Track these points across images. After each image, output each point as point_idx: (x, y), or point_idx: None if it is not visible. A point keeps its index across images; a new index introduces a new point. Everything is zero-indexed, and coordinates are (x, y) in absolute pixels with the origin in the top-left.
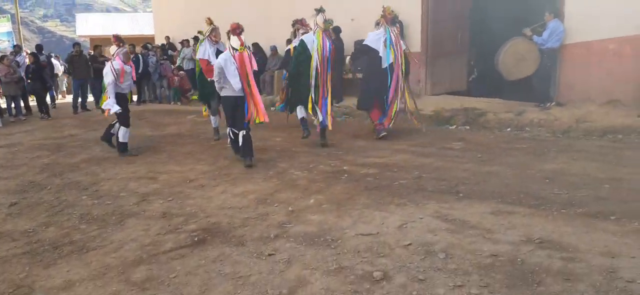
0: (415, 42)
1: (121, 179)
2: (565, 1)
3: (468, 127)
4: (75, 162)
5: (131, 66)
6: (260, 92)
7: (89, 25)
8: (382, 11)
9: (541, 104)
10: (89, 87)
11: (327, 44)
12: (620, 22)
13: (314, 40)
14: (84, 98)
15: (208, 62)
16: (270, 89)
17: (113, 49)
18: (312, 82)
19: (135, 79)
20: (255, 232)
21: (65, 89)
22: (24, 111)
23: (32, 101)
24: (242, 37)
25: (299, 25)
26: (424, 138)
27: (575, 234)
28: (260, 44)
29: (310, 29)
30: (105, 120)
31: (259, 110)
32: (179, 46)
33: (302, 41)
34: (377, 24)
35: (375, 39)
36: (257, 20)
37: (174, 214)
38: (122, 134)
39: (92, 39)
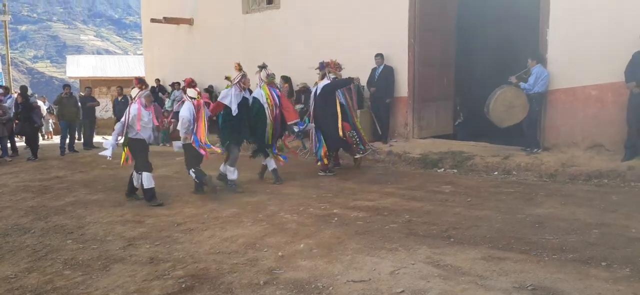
0: (403, 86)
1: (107, 223)
2: (548, 47)
3: (456, 171)
4: (61, 204)
5: (151, 111)
6: None
7: (79, 67)
8: (328, 64)
9: (528, 148)
10: (76, 130)
11: (274, 94)
12: (602, 69)
13: (262, 94)
14: (72, 140)
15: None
16: None
17: (135, 91)
18: (268, 129)
19: (157, 123)
20: (244, 279)
21: (51, 130)
22: (10, 152)
23: (20, 141)
24: (197, 87)
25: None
26: (413, 181)
27: (567, 280)
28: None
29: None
30: (93, 162)
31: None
32: (169, 88)
33: (255, 98)
34: (324, 73)
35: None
36: (245, 67)
37: (161, 259)
38: (146, 179)
39: (82, 80)
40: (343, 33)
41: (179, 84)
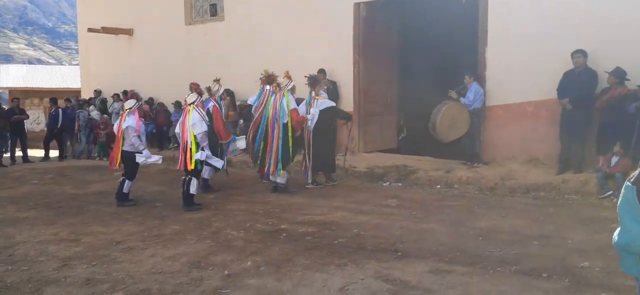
0: (348, 101)
1: (40, 242)
2: (487, 66)
3: (400, 184)
4: None
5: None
6: None
7: (9, 77)
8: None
9: (469, 162)
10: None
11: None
12: (536, 86)
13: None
14: (0, 153)
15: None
16: None
17: (193, 96)
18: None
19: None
20: None
21: None
22: None
23: None
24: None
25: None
26: (360, 195)
27: (512, 292)
28: None
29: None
30: (23, 177)
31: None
32: (110, 100)
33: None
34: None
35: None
36: (186, 79)
37: (99, 280)
38: (194, 185)
39: (12, 91)
40: (288, 47)
41: (118, 95)
